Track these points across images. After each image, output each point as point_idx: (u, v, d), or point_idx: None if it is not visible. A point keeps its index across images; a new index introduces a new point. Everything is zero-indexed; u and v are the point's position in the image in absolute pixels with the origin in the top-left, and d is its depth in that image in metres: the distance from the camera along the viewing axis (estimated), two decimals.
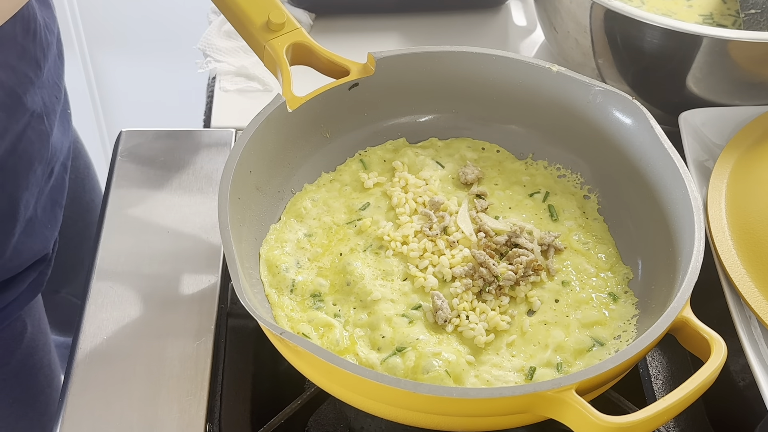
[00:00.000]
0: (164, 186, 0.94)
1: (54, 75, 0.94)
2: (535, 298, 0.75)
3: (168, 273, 0.86)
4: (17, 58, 0.84)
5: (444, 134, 0.89)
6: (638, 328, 0.73)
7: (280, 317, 0.74)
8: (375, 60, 0.83)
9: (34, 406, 1.02)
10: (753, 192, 0.81)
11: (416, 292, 0.76)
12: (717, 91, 0.92)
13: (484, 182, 0.86)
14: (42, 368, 1.04)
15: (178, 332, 0.81)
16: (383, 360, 0.70)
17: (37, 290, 0.98)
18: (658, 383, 0.82)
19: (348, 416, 0.79)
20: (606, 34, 0.94)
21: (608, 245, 0.80)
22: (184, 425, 0.74)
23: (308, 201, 0.83)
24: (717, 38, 0.86)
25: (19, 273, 0.93)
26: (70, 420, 0.75)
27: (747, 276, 0.75)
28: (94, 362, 0.79)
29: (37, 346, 1.02)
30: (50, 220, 0.97)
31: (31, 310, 1.00)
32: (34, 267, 0.95)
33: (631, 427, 0.58)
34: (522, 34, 1.20)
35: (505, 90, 0.86)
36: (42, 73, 0.89)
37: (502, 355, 0.72)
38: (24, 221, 0.89)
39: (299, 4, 1.18)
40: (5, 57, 0.83)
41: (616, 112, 0.81)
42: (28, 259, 0.93)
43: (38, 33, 0.87)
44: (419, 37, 1.18)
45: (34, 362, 1.02)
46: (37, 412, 1.02)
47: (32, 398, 1.02)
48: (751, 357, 0.71)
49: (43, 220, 0.95)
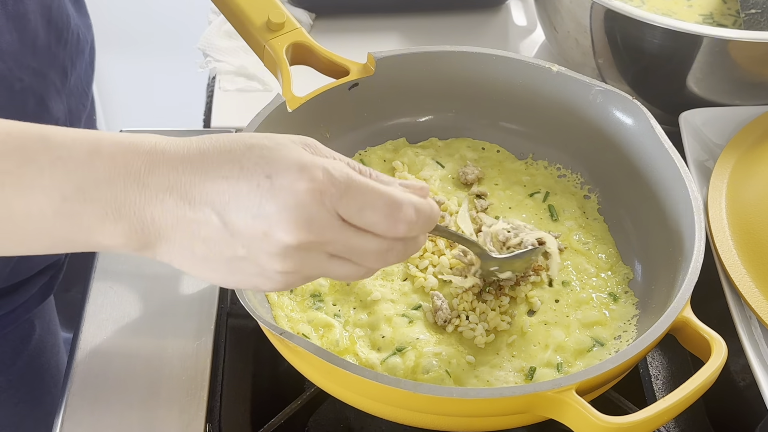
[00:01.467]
0: None
1: (83, 82, 0.94)
2: (536, 299, 0.75)
3: (168, 273, 0.86)
4: (48, 66, 0.84)
5: (444, 134, 0.89)
6: (638, 328, 0.73)
7: (279, 317, 0.74)
8: (375, 60, 0.83)
9: (40, 406, 1.02)
10: (753, 192, 0.81)
11: (416, 292, 0.76)
12: (717, 91, 0.92)
13: (484, 182, 0.86)
14: (49, 369, 1.04)
15: (178, 332, 0.81)
16: (383, 360, 0.70)
17: (47, 294, 0.98)
18: (659, 383, 0.82)
19: (348, 416, 0.79)
20: (606, 33, 0.94)
21: (608, 245, 0.80)
22: (184, 425, 0.74)
23: None
24: (717, 38, 0.86)
25: (29, 277, 0.93)
26: (70, 420, 0.75)
27: (747, 276, 0.75)
28: (94, 362, 0.79)
29: (45, 348, 1.02)
30: None
31: (41, 311, 1.00)
32: (45, 271, 0.95)
33: (631, 427, 0.58)
34: (522, 34, 1.20)
35: (505, 90, 0.86)
36: (68, 80, 0.88)
37: (502, 355, 0.72)
38: None
39: (299, 4, 1.18)
40: (39, 65, 0.82)
41: (616, 112, 0.81)
42: (39, 263, 0.93)
43: (70, 41, 0.87)
44: (419, 37, 1.18)
45: (41, 363, 1.02)
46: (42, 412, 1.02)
47: (38, 399, 1.02)
48: (751, 357, 0.71)
49: None
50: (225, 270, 0.54)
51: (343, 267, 0.55)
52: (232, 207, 0.52)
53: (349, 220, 0.53)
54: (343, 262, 0.55)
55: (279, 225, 0.51)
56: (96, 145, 0.52)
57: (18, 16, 0.78)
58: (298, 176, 0.51)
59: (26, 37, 0.79)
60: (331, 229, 0.52)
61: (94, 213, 0.52)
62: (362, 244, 0.54)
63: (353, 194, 0.52)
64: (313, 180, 0.51)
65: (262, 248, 0.52)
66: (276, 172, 0.51)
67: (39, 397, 1.02)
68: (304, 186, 0.51)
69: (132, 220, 0.52)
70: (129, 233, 0.52)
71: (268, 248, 0.52)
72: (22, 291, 0.92)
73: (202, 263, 0.54)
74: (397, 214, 0.54)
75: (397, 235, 0.54)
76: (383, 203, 0.53)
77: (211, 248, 0.53)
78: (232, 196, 0.51)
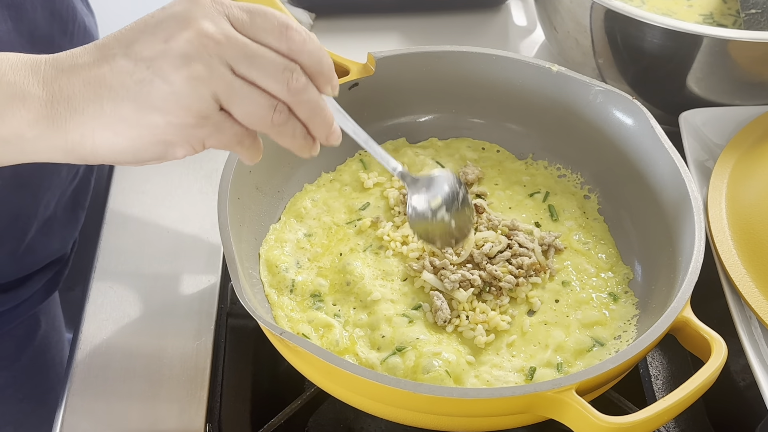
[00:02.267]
0: (164, 186, 0.94)
1: None
2: (536, 299, 0.75)
3: (168, 273, 0.86)
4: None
5: (444, 134, 0.89)
6: (638, 328, 0.73)
7: (279, 317, 0.74)
8: (375, 60, 0.83)
9: (45, 402, 1.02)
10: (753, 192, 0.81)
11: (416, 292, 0.76)
12: (717, 91, 0.92)
13: (484, 182, 0.86)
14: (54, 366, 1.04)
15: (178, 332, 0.81)
16: (383, 360, 0.70)
17: (52, 289, 0.98)
18: (659, 383, 0.82)
19: (348, 416, 0.79)
20: (606, 33, 0.94)
21: (608, 245, 0.80)
22: (184, 425, 0.74)
23: (308, 201, 0.83)
24: (717, 38, 0.86)
25: (34, 272, 0.93)
26: (70, 420, 0.75)
27: (747, 276, 0.75)
28: (94, 362, 0.79)
29: (50, 344, 1.02)
30: (70, 220, 0.97)
31: (47, 307, 1.01)
32: (50, 266, 0.95)
33: (631, 427, 0.57)
34: (522, 34, 1.20)
35: (505, 90, 0.86)
36: None
37: (502, 355, 0.72)
38: (42, 220, 0.89)
39: (299, 4, 1.18)
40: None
41: (616, 112, 0.81)
42: (45, 258, 0.93)
43: (76, 34, 0.87)
44: (419, 37, 1.18)
45: (46, 360, 1.02)
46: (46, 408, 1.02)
47: (42, 395, 1.02)
48: (751, 357, 0.71)
49: (63, 220, 0.95)
50: (134, 118, 0.54)
51: (249, 91, 0.55)
52: (135, 43, 0.54)
53: (242, 29, 0.55)
54: (248, 86, 0.55)
55: (178, 27, 0.54)
56: (4, 53, 0.56)
57: (14, 5, 0.78)
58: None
59: (23, 26, 0.79)
60: (227, 33, 0.54)
61: (2, 94, 0.54)
62: (259, 52, 0.55)
63: (240, 5, 0.56)
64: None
65: (166, 60, 0.53)
66: (163, 6, 0.56)
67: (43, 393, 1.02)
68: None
69: (40, 94, 0.54)
70: (38, 107, 0.54)
71: (171, 54, 0.53)
72: (28, 286, 0.92)
73: (110, 121, 0.54)
74: (286, 21, 0.56)
75: (289, 44, 0.56)
76: (272, 14, 0.56)
77: (117, 91, 0.54)
78: (132, 37, 0.55)
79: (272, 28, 0.56)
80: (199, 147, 0.56)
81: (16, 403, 1.01)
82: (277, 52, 0.56)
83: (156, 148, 0.55)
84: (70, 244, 0.98)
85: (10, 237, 0.86)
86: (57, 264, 0.97)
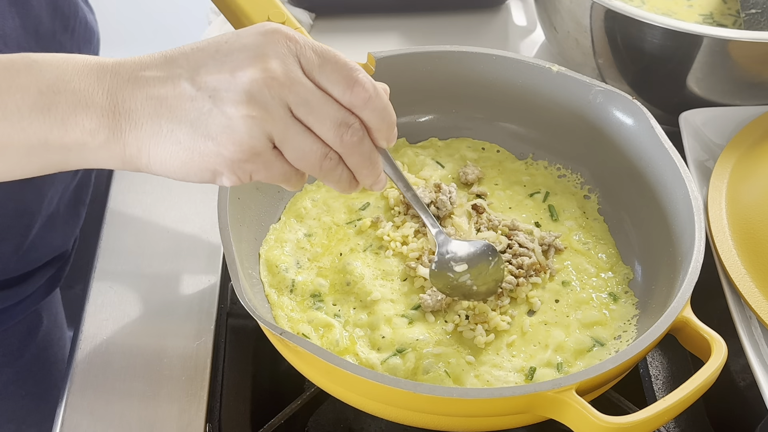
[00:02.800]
0: (164, 186, 0.94)
1: None
2: (536, 299, 0.75)
3: (168, 273, 0.86)
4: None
5: (444, 134, 0.89)
6: (638, 328, 0.73)
7: (279, 317, 0.74)
8: (375, 60, 0.83)
9: (47, 399, 1.02)
10: (753, 192, 0.81)
11: (416, 292, 0.76)
12: (717, 91, 0.92)
13: (484, 182, 0.86)
14: (56, 362, 1.04)
15: (178, 332, 0.81)
16: (383, 360, 0.70)
17: (54, 286, 0.98)
18: (659, 383, 0.82)
19: (348, 416, 0.79)
20: (606, 33, 0.94)
21: (608, 245, 0.80)
22: (184, 425, 0.74)
23: (308, 201, 0.83)
24: (717, 38, 0.86)
25: (36, 268, 0.93)
26: (70, 420, 0.75)
27: (747, 276, 0.75)
28: (95, 362, 0.79)
29: (52, 341, 1.03)
30: (72, 217, 0.97)
31: (49, 304, 1.01)
32: (52, 263, 0.96)
33: (631, 427, 0.58)
34: (522, 34, 1.20)
35: (505, 90, 0.86)
36: None
37: (502, 355, 0.72)
38: (45, 216, 0.89)
39: (299, 4, 1.18)
40: (43, 52, 0.83)
41: (616, 112, 0.81)
42: (47, 254, 0.93)
43: (77, 30, 0.87)
44: (419, 37, 1.18)
45: (48, 356, 1.02)
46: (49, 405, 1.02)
47: (45, 392, 1.02)
48: (751, 357, 0.71)
49: (65, 216, 0.95)
50: (188, 143, 0.55)
51: (304, 137, 0.56)
52: (202, 68, 0.55)
53: (310, 73, 0.56)
54: (304, 131, 0.56)
55: (247, 61, 0.54)
56: (70, 56, 0.57)
57: (20, 1, 0.78)
58: (261, 28, 0.56)
59: (29, 23, 0.79)
60: (293, 76, 0.55)
61: (68, 102, 0.54)
62: (321, 101, 0.56)
63: (314, 47, 0.56)
64: (278, 29, 0.55)
65: (228, 93, 0.54)
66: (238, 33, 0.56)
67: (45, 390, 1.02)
68: (272, 30, 0.55)
69: (103, 104, 0.55)
70: (100, 117, 0.55)
71: (234, 89, 0.54)
72: (30, 282, 0.92)
73: (166, 141, 0.55)
74: (355, 75, 0.56)
75: (353, 99, 0.56)
76: (344, 64, 0.57)
77: (176, 114, 0.54)
78: (201, 60, 0.55)
79: (339, 80, 0.56)
80: (245, 179, 0.57)
81: (18, 400, 1.01)
82: (339, 102, 0.57)
83: (203, 174, 0.56)
84: (71, 241, 0.98)
85: (14, 233, 0.86)
86: (59, 260, 0.97)
